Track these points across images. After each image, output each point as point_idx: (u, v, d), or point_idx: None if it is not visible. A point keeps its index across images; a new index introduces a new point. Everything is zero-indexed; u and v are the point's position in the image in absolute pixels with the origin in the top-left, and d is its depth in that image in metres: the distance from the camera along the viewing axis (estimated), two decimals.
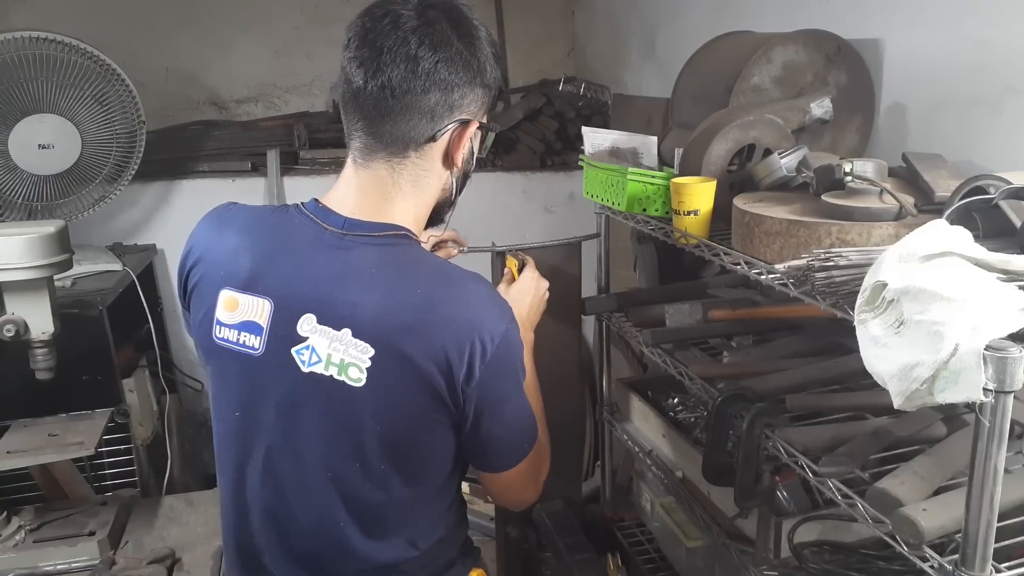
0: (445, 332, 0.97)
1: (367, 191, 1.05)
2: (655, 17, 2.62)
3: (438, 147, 1.05)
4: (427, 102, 1.00)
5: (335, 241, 1.02)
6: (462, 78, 1.01)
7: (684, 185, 1.39)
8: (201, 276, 1.09)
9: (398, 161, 1.04)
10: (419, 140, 1.03)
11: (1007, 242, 1.00)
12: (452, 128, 1.04)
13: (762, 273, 1.17)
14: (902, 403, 0.81)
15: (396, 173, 1.04)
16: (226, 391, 1.10)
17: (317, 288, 1.01)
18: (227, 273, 1.05)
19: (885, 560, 1.18)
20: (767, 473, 1.26)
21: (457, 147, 1.06)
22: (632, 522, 2.09)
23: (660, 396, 1.95)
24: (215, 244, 1.09)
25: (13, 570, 1.78)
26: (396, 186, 1.05)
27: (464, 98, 1.03)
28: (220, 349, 1.07)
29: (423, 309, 0.98)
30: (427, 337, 0.97)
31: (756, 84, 1.55)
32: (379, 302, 0.98)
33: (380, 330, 0.98)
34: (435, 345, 0.97)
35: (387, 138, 1.02)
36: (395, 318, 0.98)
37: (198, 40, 3.10)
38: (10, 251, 1.63)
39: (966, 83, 1.39)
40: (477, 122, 1.07)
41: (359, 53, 0.99)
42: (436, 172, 1.07)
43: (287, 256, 1.04)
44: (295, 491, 1.08)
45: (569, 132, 3.07)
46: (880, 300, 0.84)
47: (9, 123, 2.26)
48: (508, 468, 1.12)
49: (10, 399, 2.01)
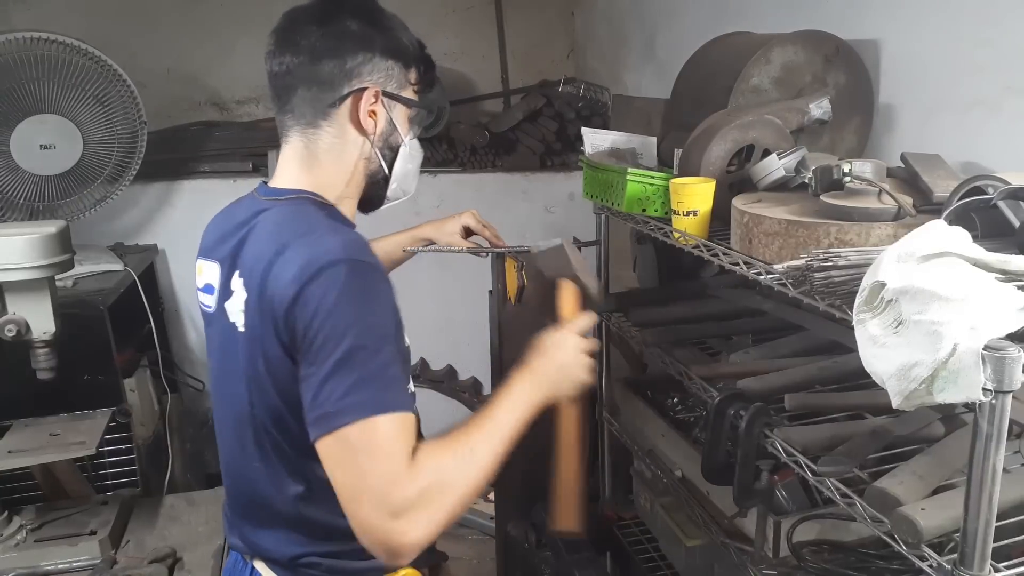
0: (285, 270, 1.01)
1: (288, 162, 1.16)
2: (655, 18, 2.62)
3: (343, 114, 1.14)
4: (322, 72, 1.11)
5: (257, 207, 1.14)
6: (354, 47, 1.12)
7: (683, 185, 1.39)
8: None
9: (312, 132, 1.14)
10: (322, 108, 1.13)
11: (1005, 242, 1.00)
12: (351, 94, 1.13)
13: (761, 273, 1.17)
14: (901, 403, 0.82)
15: (311, 143, 1.14)
16: (207, 348, 1.24)
17: (241, 248, 1.11)
18: (200, 248, 1.22)
19: (884, 559, 1.18)
20: (766, 472, 1.26)
21: (358, 112, 1.13)
22: (632, 521, 2.10)
23: (660, 396, 1.96)
24: (206, 231, 1.25)
25: (14, 569, 1.78)
26: (312, 156, 1.15)
27: (362, 66, 1.13)
28: (201, 312, 1.22)
29: (277, 253, 1.03)
30: (273, 277, 1.02)
31: (755, 85, 1.55)
32: (256, 253, 1.07)
33: (254, 279, 1.06)
34: (279, 282, 1.01)
35: (295, 112, 1.14)
36: (260, 265, 1.05)
37: (199, 41, 3.10)
38: (12, 251, 1.64)
39: (965, 83, 1.39)
40: (376, 89, 1.14)
41: (268, 48, 1.14)
42: (351, 140, 1.16)
43: (232, 226, 1.15)
44: (223, 434, 1.20)
45: (569, 133, 3.07)
46: (879, 300, 0.84)
47: (11, 123, 2.26)
48: (317, 434, 0.96)
49: (11, 399, 2.01)
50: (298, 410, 1.01)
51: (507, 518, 2.13)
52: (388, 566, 1.07)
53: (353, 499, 0.96)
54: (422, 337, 1.83)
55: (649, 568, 1.95)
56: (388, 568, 1.10)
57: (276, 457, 1.10)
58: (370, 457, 0.94)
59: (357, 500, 0.95)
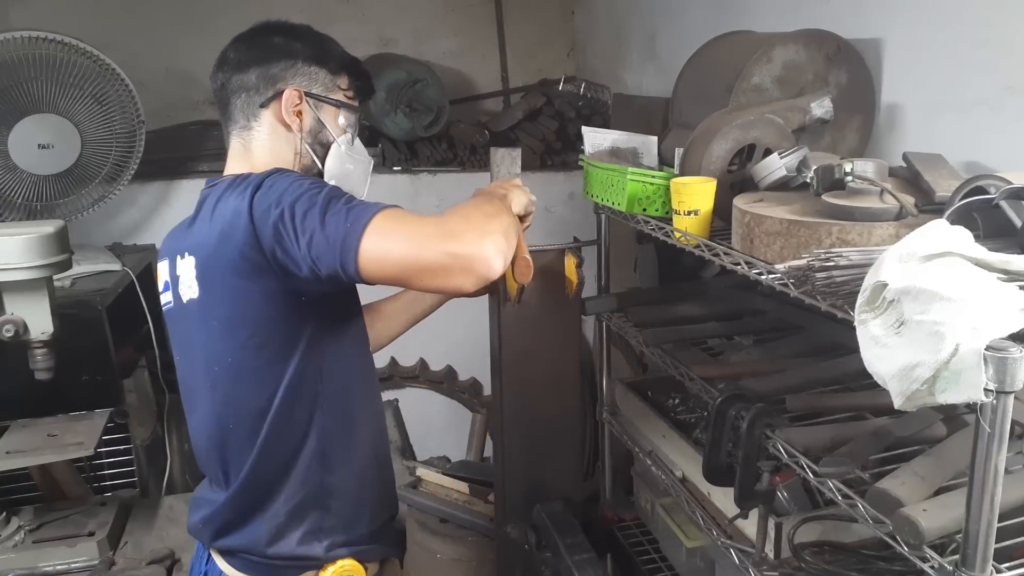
0: (233, 194, 1.14)
1: (233, 159, 1.31)
2: (655, 17, 2.62)
3: (271, 114, 1.27)
4: (249, 79, 1.26)
5: (202, 196, 1.26)
6: (277, 55, 1.27)
7: (684, 185, 1.38)
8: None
9: (247, 133, 1.29)
10: (253, 110, 1.27)
11: (1008, 242, 1.00)
12: (276, 95, 1.26)
13: (762, 273, 1.17)
14: (902, 403, 0.81)
15: (247, 142, 1.29)
16: (173, 349, 1.34)
17: (189, 228, 1.24)
18: (159, 255, 1.33)
19: (885, 561, 1.17)
20: (767, 473, 1.26)
21: (280, 110, 1.26)
22: (632, 522, 2.09)
23: (660, 396, 1.95)
24: (163, 240, 1.36)
25: (13, 570, 1.78)
26: (249, 152, 1.29)
27: (285, 71, 1.27)
28: (164, 317, 1.32)
29: (223, 192, 1.19)
30: (222, 202, 1.16)
31: (756, 84, 1.55)
32: (205, 215, 1.19)
33: (205, 230, 1.17)
34: (229, 204, 1.14)
35: (233, 119, 1.30)
36: (209, 213, 1.17)
37: (198, 40, 3.08)
38: (9, 251, 1.63)
39: (967, 82, 1.39)
40: (298, 89, 1.27)
41: (211, 72, 1.31)
42: (282, 136, 1.28)
43: (182, 226, 1.29)
44: (198, 405, 1.27)
45: (569, 132, 3.07)
46: (880, 300, 0.84)
47: (9, 123, 2.26)
48: (349, 254, 1.04)
49: (9, 399, 2.01)
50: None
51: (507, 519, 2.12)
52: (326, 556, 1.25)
53: (416, 253, 1.05)
54: (422, 337, 1.82)
55: (650, 570, 1.95)
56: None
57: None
58: (401, 221, 1.07)
59: (420, 249, 1.04)
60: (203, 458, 1.30)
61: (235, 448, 1.22)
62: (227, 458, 1.24)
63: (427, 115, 2.96)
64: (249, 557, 1.25)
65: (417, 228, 1.06)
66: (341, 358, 1.25)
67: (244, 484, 1.22)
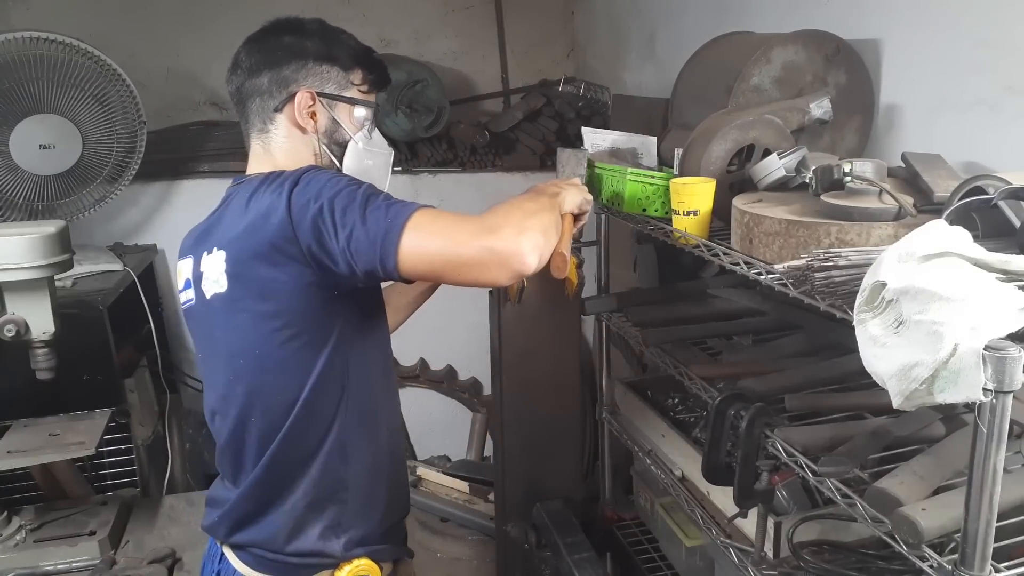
0: (268, 191, 1.14)
1: (255, 160, 1.31)
2: (655, 17, 2.62)
3: (286, 117, 1.27)
4: (262, 83, 1.26)
5: (228, 193, 1.26)
6: (287, 57, 1.26)
7: (684, 185, 1.39)
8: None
9: (265, 136, 1.29)
10: (268, 114, 1.27)
11: (1006, 242, 1.00)
12: (289, 98, 1.26)
13: (761, 273, 1.17)
14: (901, 403, 0.82)
15: (266, 145, 1.29)
16: (194, 344, 1.35)
17: (216, 225, 1.23)
18: (179, 252, 1.31)
19: (884, 560, 1.18)
20: (766, 473, 1.26)
21: (294, 113, 1.26)
22: (632, 521, 2.10)
23: (660, 396, 1.95)
24: (184, 237, 1.34)
25: (14, 570, 1.78)
26: (269, 154, 1.29)
27: (296, 73, 1.26)
28: (184, 314, 1.31)
29: (256, 189, 1.18)
30: (256, 199, 1.15)
31: (756, 84, 1.55)
32: (235, 210, 1.19)
33: (235, 227, 1.16)
34: (264, 200, 1.14)
35: (250, 122, 1.29)
36: (241, 207, 1.17)
37: (199, 40, 3.10)
38: (11, 251, 1.64)
39: (966, 83, 1.39)
40: (310, 91, 1.26)
41: (226, 76, 1.31)
42: (298, 139, 1.28)
43: (206, 224, 1.27)
44: (219, 401, 1.26)
45: (569, 132, 3.07)
46: (879, 300, 0.84)
47: (10, 123, 2.26)
48: (390, 249, 1.06)
49: (11, 399, 2.01)
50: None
51: (507, 518, 2.13)
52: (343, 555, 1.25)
53: (454, 249, 1.07)
54: (422, 337, 1.83)
55: (649, 569, 1.95)
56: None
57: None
58: (439, 218, 1.09)
59: (457, 244, 1.06)
60: (221, 452, 1.29)
61: (255, 441, 1.22)
62: (245, 451, 1.23)
63: (427, 116, 2.96)
64: (264, 554, 1.24)
65: (455, 224, 1.09)
66: (367, 353, 1.25)
67: (262, 476, 1.22)
